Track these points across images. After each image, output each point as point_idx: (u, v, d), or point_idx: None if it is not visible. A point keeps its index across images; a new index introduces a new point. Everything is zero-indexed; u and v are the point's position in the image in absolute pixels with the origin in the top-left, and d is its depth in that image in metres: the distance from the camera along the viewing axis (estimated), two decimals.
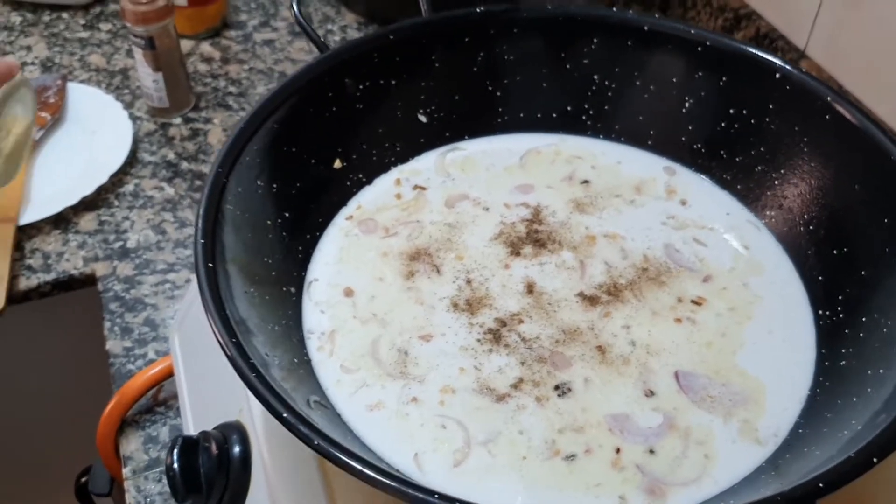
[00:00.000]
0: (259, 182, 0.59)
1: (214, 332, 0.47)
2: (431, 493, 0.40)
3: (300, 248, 0.62)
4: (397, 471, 0.50)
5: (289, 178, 0.62)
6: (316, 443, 0.42)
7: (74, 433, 0.91)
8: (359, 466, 0.41)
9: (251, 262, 0.56)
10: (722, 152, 0.67)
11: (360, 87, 0.66)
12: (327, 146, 0.65)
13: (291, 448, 0.57)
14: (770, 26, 1.01)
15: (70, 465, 0.91)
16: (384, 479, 0.40)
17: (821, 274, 0.60)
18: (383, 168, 0.69)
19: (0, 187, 0.93)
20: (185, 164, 1.03)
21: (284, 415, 0.43)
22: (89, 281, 0.91)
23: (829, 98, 0.61)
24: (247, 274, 0.54)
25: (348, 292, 0.61)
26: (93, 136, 1.04)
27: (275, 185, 0.60)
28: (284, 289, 0.59)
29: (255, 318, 0.53)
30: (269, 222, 0.59)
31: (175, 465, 0.58)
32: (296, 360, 0.55)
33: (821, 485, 0.40)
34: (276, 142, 0.60)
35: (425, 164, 0.70)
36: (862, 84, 0.89)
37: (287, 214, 0.61)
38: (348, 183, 0.67)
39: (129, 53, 1.19)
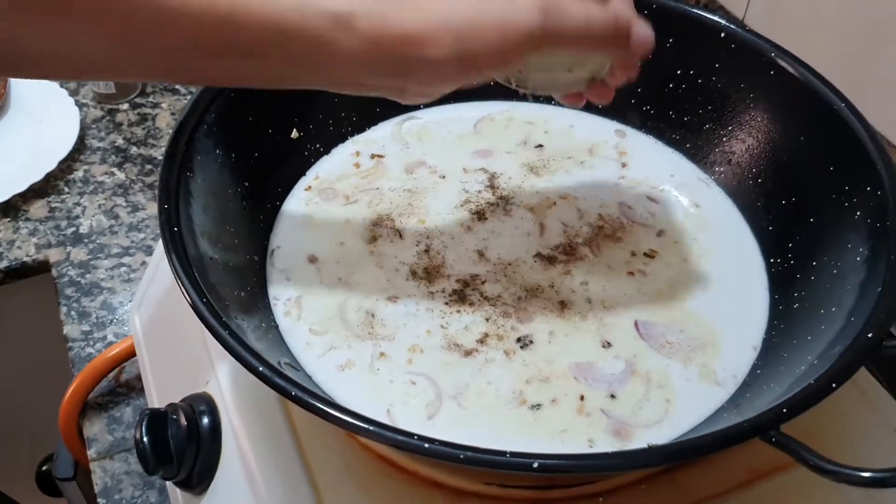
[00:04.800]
0: (218, 151, 0.59)
1: (185, 294, 0.47)
2: (410, 434, 0.41)
3: (261, 216, 0.63)
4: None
5: (247, 147, 0.62)
6: (293, 393, 0.42)
7: (34, 422, 0.90)
8: (337, 413, 0.41)
9: (214, 230, 0.56)
10: (671, 113, 0.69)
11: None
12: (284, 116, 0.65)
13: (262, 415, 0.58)
14: None
15: (30, 455, 0.90)
16: (365, 425, 0.41)
17: (770, 224, 0.62)
18: (340, 138, 0.70)
19: None
20: (134, 149, 1.02)
21: (260, 368, 0.43)
22: (42, 267, 0.90)
23: (772, 54, 0.63)
24: (210, 241, 0.54)
25: (312, 259, 0.61)
26: (38, 124, 1.02)
27: (233, 155, 0.60)
28: (248, 256, 0.59)
29: (222, 283, 0.53)
30: (229, 191, 0.60)
31: (144, 438, 0.58)
32: (263, 325, 0.55)
33: (784, 410, 0.42)
34: (233, 111, 0.60)
35: (381, 134, 0.71)
36: (799, 51, 0.92)
37: (247, 184, 0.61)
38: (306, 153, 0.67)
39: None
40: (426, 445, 0.40)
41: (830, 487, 0.56)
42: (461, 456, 0.40)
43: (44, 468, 0.92)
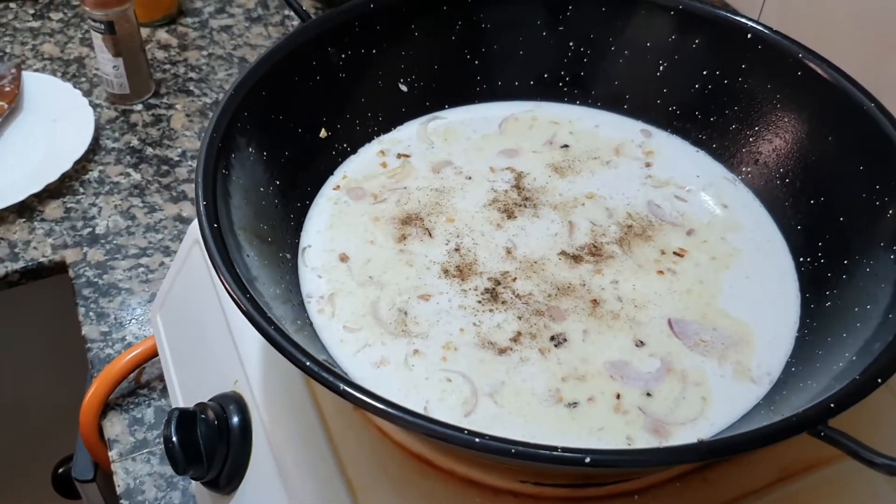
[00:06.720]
0: (250, 149, 0.59)
1: (228, 289, 0.47)
2: (460, 429, 0.41)
3: (292, 215, 0.62)
4: None
5: (278, 145, 0.62)
6: (341, 388, 0.42)
7: (51, 424, 0.89)
8: (383, 407, 0.41)
9: (249, 226, 0.56)
10: (697, 113, 0.69)
11: (343, 56, 0.66)
12: (313, 115, 0.65)
13: (294, 414, 0.57)
14: (721, 0, 1.04)
15: (48, 457, 0.90)
16: (418, 421, 0.41)
17: (799, 223, 0.62)
18: (367, 138, 0.70)
19: None
20: (149, 150, 1.02)
21: (307, 363, 0.43)
22: (59, 268, 0.90)
23: (800, 55, 0.63)
24: (247, 237, 0.54)
25: (343, 257, 0.61)
26: (53, 124, 1.02)
27: (265, 153, 0.60)
28: (281, 254, 0.59)
29: (259, 280, 0.53)
30: (261, 189, 0.60)
31: (174, 438, 0.58)
32: (298, 322, 0.55)
33: (832, 405, 0.42)
34: (264, 109, 0.60)
35: (407, 134, 0.71)
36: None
37: (278, 182, 0.61)
38: (334, 152, 0.67)
39: (84, 42, 1.17)
40: (477, 440, 0.40)
41: (861, 485, 0.56)
42: (513, 451, 0.40)
43: (60, 470, 0.91)
